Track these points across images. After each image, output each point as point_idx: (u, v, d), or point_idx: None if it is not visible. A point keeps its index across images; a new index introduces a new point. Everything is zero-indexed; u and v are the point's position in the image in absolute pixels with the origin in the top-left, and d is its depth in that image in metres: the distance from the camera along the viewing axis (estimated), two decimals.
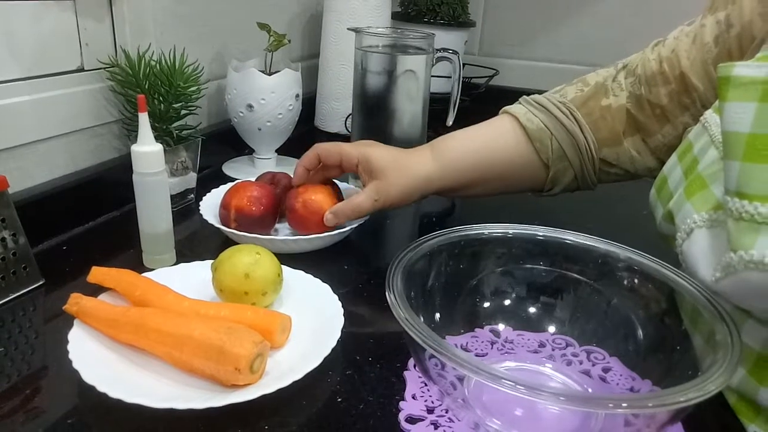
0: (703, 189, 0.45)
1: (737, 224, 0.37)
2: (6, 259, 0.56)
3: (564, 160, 0.67)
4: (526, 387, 0.33)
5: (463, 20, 1.32)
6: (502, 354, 0.51)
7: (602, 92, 0.67)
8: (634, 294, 0.49)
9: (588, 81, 0.69)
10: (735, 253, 0.37)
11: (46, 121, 0.69)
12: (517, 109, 0.69)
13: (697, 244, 0.43)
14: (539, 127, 0.66)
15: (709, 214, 0.43)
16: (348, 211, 0.66)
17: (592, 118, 0.66)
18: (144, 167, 0.59)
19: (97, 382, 0.42)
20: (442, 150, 0.68)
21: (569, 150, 0.66)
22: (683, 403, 0.33)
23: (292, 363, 0.47)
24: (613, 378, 0.48)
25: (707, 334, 0.41)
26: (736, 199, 0.37)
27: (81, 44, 0.73)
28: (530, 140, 0.67)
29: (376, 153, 0.67)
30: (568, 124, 0.66)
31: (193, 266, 0.59)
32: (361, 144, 0.70)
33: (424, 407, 0.45)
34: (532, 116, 0.67)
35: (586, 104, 0.67)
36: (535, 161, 0.67)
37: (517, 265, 0.53)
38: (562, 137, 0.66)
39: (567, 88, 0.70)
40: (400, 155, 0.68)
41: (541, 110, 0.68)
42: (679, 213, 0.46)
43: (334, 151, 0.69)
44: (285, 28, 1.14)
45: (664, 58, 0.62)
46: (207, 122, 0.98)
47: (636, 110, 0.64)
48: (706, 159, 0.45)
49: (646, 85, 0.63)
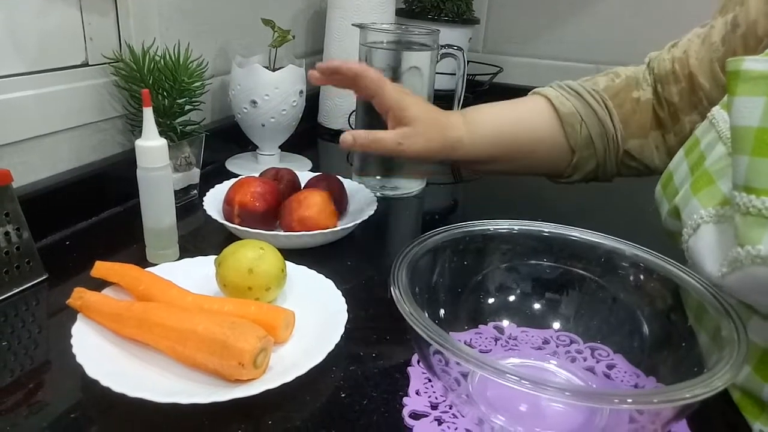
0: (710, 185, 0.45)
1: (744, 219, 0.37)
2: (10, 253, 0.56)
3: (590, 147, 0.67)
4: (530, 382, 0.33)
5: (467, 17, 1.32)
6: (506, 350, 0.51)
7: (633, 84, 0.67)
8: (639, 290, 0.49)
9: (619, 73, 0.70)
10: (742, 248, 0.37)
11: (50, 115, 0.69)
12: (550, 91, 0.70)
13: (703, 239, 0.43)
14: (571, 110, 0.67)
15: (716, 210, 0.42)
16: (366, 140, 0.64)
17: (623, 109, 0.67)
18: (148, 162, 0.59)
19: (101, 377, 0.41)
20: (474, 118, 0.68)
21: (597, 138, 0.67)
22: (689, 399, 0.32)
23: (296, 358, 0.47)
24: (617, 375, 0.48)
25: (713, 330, 0.41)
26: (743, 193, 0.37)
27: (85, 39, 0.73)
28: (561, 122, 0.67)
29: (414, 102, 0.66)
30: (599, 112, 0.66)
31: (196, 261, 0.59)
32: (399, 90, 0.67)
33: (428, 403, 0.44)
34: (564, 99, 0.68)
35: (617, 95, 0.67)
36: (562, 144, 0.68)
37: (522, 261, 0.52)
38: (592, 124, 0.67)
39: (598, 78, 0.70)
40: (434, 111, 0.67)
41: (574, 95, 0.68)
42: (685, 209, 0.46)
43: (375, 84, 0.65)
44: (289, 24, 1.14)
45: (676, 58, 0.64)
46: (211, 118, 0.98)
47: (657, 106, 0.66)
48: (714, 155, 0.45)
49: (660, 83, 0.65)
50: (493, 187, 0.93)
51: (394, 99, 0.65)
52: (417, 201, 0.86)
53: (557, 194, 0.72)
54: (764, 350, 0.42)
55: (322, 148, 1.14)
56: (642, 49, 0.71)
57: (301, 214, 0.66)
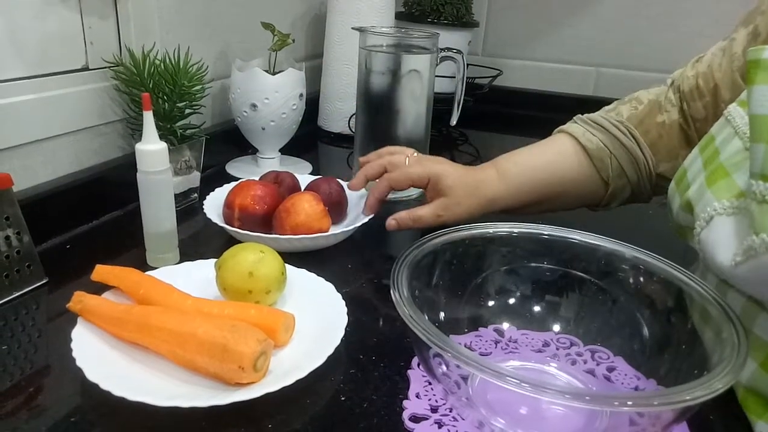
0: (724, 177, 0.45)
1: (761, 207, 0.37)
2: (10, 257, 0.56)
3: (623, 177, 0.68)
4: (531, 384, 0.33)
5: (466, 20, 1.32)
6: (506, 353, 0.51)
7: (656, 109, 0.67)
8: (639, 293, 0.49)
9: (641, 99, 0.70)
10: (757, 235, 0.37)
11: (51, 119, 0.69)
12: (575, 128, 0.70)
13: (716, 231, 0.43)
14: (599, 146, 0.67)
15: (730, 202, 0.43)
16: (409, 221, 0.67)
17: (650, 136, 0.67)
18: (148, 165, 0.59)
19: (101, 380, 0.41)
20: (508, 170, 0.69)
21: (628, 167, 0.67)
22: (689, 402, 0.32)
23: (296, 362, 0.47)
24: (617, 377, 0.48)
25: (714, 332, 0.41)
26: (760, 182, 0.37)
27: (86, 43, 0.73)
28: (591, 159, 0.67)
29: (445, 171, 0.67)
30: (626, 143, 0.67)
31: (196, 265, 0.59)
32: (428, 161, 0.70)
33: (428, 406, 0.44)
34: (590, 136, 0.68)
35: (642, 123, 0.68)
36: (596, 179, 0.68)
37: (522, 263, 0.52)
38: (621, 155, 0.67)
39: (620, 107, 0.71)
40: (467, 174, 0.68)
41: (599, 129, 0.68)
42: (699, 202, 0.46)
43: (404, 179, 0.69)
44: (289, 28, 1.15)
45: (700, 73, 0.64)
46: (211, 122, 0.98)
47: (685, 125, 0.66)
48: (729, 149, 0.45)
49: (686, 101, 0.65)
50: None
51: (428, 173, 0.67)
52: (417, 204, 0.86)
53: None
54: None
55: (322, 151, 1.14)
56: (641, 51, 0.71)
57: (291, 223, 0.66)
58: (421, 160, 0.71)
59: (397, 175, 0.69)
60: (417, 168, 0.69)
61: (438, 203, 0.67)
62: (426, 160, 0.71)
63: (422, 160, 0.71)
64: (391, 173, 0.70)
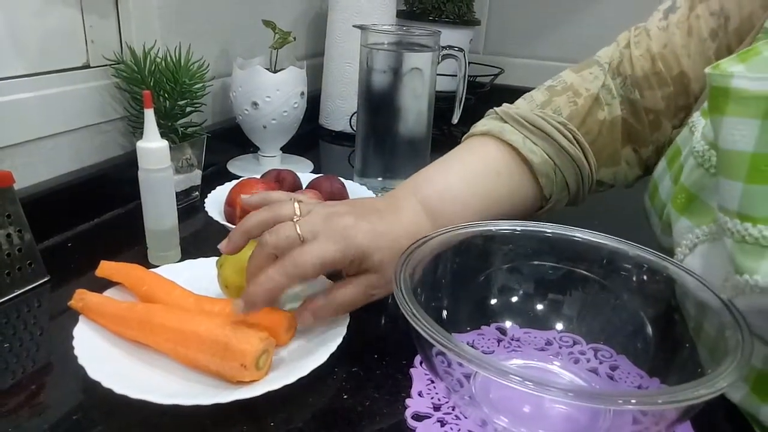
0: (692, 200, 0.44)
1: (740, 247, 0.36)
2: (11, 255, 0.56)
3: (564, 190, 0.60)
4: (534, 382, 0.33)
5: (468, 18, 1.32)
6: (508, 352, 0.50)
7: (597, 104, 0.59)
8: (642, 291, 0.49)
9: (578, 90, 0.60)
10: (741, 276, 0.36)
11: (52, 117, 0.69)
12: (511, 135, 0.58)
13: (702, 258, 0.42)
14: (543, 159, 0.58)
15: (709, 228, 0.42)
16: (331, 311, 0.49)
17: (592, 137, 0.59)
18: (149, 163, 0.59)
19: (103, 378, 0.41)
20: (443, 215, 0.54)
21: (571, 180, 0.59)
22: (693, 400, 0.32)
23: (298, 360, 0.46)
24: (620, 376, 0.48)
25: (717, 331, 0.40)
26: (737, 220, 0.36)
27: (86, 41, 0.73)
28: (534, 176, 0.58)
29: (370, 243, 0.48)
30: (573, 153, 0.58)
31: (197, 263, 0.59)
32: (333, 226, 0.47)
33: (430, 404, 0.44)
34: (532, 145, 0.58)
35: (585, 122, 0.59)
36: (536, 197, 0.60)
37: (525, 261, 0.52)
38: (566, 168, 0.59)
39: (556, 99, 0.61)
40: (398, 238, 0.50)
41: (542, 136, 0.58)
42: (674, 226, 0.45)
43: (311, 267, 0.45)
44: (290, 26, 1.14)
45: (656, 54, 0.56)
46: (212, 120, 0.98)
47: (632, 118, 0.58)
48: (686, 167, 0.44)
49: (638, 88, 0.57)
50: None
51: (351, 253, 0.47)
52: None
53: None
54: (760, 372, 0.41)
55: (324, 149, 1.14)
56: None
57: None
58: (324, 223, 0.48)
59: (301, 260, 0.45)
60: (328, 246, 0.46)
61: (366, 280, 0.49)
62: (329, 221, 0.48)
63: (325, 223, 0.48)
64: (285, 261, 0.45)
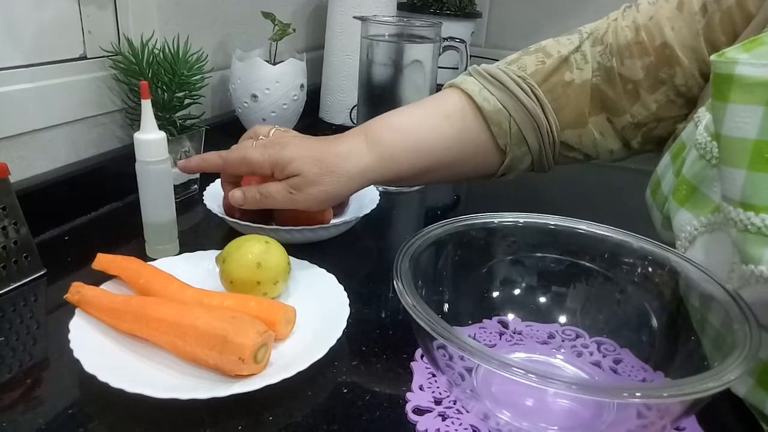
0: (693, 192, 0.43)
1: (744, 236, 0.35)
2: (7, 248, 0.55)
3: (523, 144, 0.59)
4: (537, 375, 0.32)
5: (469, 11, 1.31)
6: (510, 345, 0.50)
7: (565, 66, 0.59)
8: (647, 283, 0.48)
9: (549, 51, 0.60)
10: (746, 265, 0.36)
11: (49, 109, 0.68)
12: (470, 85, 0.59)
13: (703, 249, 0.41)
14: (497, 107, 0.58)
15: (707, 218, 0.41)
16: (257, 195, 0.58)
17: (555, 95, 0.58)
18: (147, 155, 0.58)
19: (99, 372, 0.41)
20: (381, 138, 0.57)
21: (529, 134, 0.58)
22: (700, 393, 0.32)
23: (297, 354, 0.46)
24: (624, 369, 0.47)
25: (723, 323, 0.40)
26: (740, 209, 0.36)
27: (84, 32, 0.73)
28: (486, 123, 0.58)
29: (293, 155, 0.55)
30: (529, 104, 0.57)
31: (196, 256, 0.58)
32: (271, 144, 0.58)
33: (431, 398, 0.44)
34: (488, 94, 0.58)
35: (548, 80, 0.59)
36: (490, 147, 0.59)
37: (527, 254, 0.52)
38: (522, 119, 0.58)
39: (525, 58, 0.61)
40: (325, 150, 0.56)
41: (498, 86, 0.58)
42: (674, 219, 0.45)
43: (239, 163, 0.58)
44: (289, 18, 1.13)
45: (641, 25, 0.56)
46: (211, 112, 0.97)
47: (605, 85, 0.57)
48: (688, 159, 0.44)
49: (618, 56, 0.57)
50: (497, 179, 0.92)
51: (269, 160, 0.56)
52: (419, 195, 0.85)
53: (563, 186, 0.71)
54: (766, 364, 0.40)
55: None
56: None
57: (293, 214, 0.64)
58: (272, 141, 0.59)
59: (235, 156, 0.58)
60: (257, 152, 0.57)
61: (289, 181, 0.56)
62: (276, 142, 0.58)
63: (273, 141, 0.59)
64: (228, 152, 0.59)
